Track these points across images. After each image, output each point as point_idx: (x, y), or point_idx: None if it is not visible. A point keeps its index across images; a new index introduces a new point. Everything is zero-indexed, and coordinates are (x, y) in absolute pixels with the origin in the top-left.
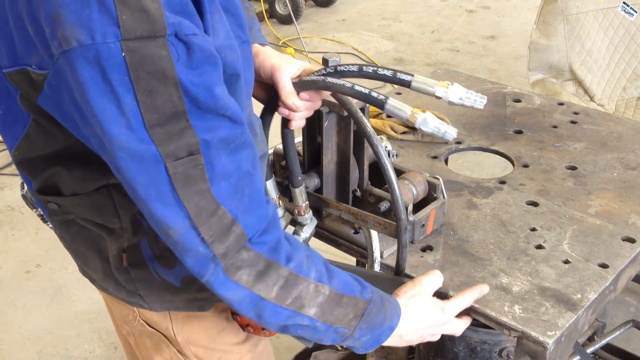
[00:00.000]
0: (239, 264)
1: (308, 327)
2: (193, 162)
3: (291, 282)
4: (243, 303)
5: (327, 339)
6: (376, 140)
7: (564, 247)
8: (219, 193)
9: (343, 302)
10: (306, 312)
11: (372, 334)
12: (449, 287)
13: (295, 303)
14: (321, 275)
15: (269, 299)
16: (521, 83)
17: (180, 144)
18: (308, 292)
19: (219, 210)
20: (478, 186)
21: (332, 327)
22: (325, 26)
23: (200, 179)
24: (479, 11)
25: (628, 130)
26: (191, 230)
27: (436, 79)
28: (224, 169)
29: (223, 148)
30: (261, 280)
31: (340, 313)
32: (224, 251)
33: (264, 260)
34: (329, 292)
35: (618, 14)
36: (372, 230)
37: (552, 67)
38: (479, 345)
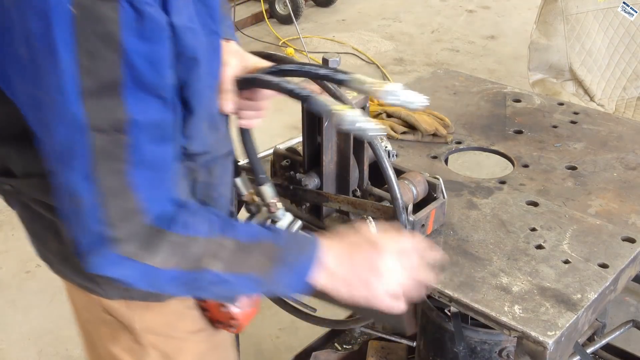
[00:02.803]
0: (125, 237)
1: (218, 283)
2: (117, 140)
3: (185, 245)
4: (135, 277)
5: (244, 289)
6: (376, 140)
7: (564, 247)
8: (133, 179)
9: (252, 251)
10: (210, 268)
11: (293, 271)
12: (448, 287)
13: (195, 264)
14: (222, 230)
15: (162, 266)
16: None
17: (109, 118)
18: (206, 250)
19: (128, 195)
20: (478, 186)
21: (244, 275)
22: (325, 26)
23: (119, 159)
24: (479, 11)
25: (628, 130)
26: (95, 207)
27: (436, 78)
28: (146, 157)
29: (150, 134)
30: (148, 249)
31: (251, 262)
32: (120, 236)
33: (149, 229)
34: (234, 245)
35: (618, 14)
36: (372, 230)
37: (552, 67)
38: (479, 345)
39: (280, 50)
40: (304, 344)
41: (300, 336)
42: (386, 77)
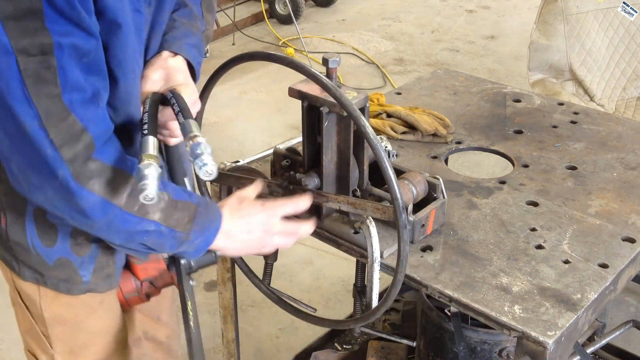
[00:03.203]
0: (89, 174)
1: (154, 232)
2: (45, 62)
3: (136, 190)
4: (96, 208)
5: (167, 245)
6: (376, 140)
7: (564, 247)
8: (71, 102)
9: (179, 207)
10: (151, 217)
11: (203, 235)
12: (448, 287)
13: (141, 210)
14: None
15: (120, 205)
16: (521, 83)
17: (34, 41)
18: None
19: (70, 118)
20: (478, 186)
21: (173, 230)
22: (325, 26)
23: (51, 83)
24: (479, 11)
25: (628, 130)
26: (40, 131)
27: (436, 78)
28: (77, 81)
29: (76, 58)
30: (112, 187)
31: (178, 217)
32: (72, 156)
33: (112, 169)
34: (168, 198)
35: (618, 14)
36: (372, 230)
37: (552, 67)
38: (479, 345)
39: (280, 50)
40: (304, 344)
41: (300, 336)
42: (386, 77)
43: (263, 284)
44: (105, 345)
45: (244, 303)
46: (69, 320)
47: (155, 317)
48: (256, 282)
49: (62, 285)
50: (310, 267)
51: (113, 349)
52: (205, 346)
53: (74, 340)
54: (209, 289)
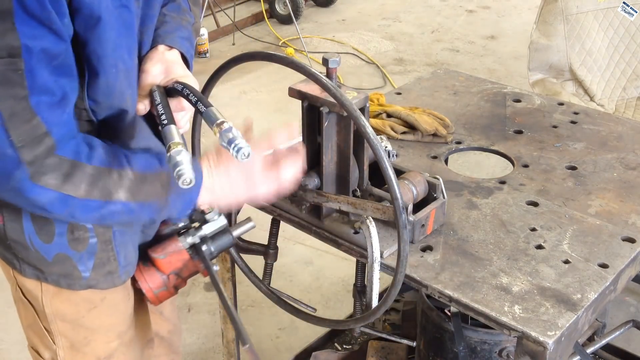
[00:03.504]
0: (43, 170)
1: (122, 212)
2: (12, 65)
3: (96, 176)
4: (54, 205)
5: (144, 216)
6: (376, 140)
7: (564, 247)
8: (37, 105)
9: (148, 180)
10: (116, 197)
11: (182, 197)
12: (448, 287)
13: (103, 193)
14: (121, 162)
15: (79, 196)
16: (521, 83)
17: (2, 43)
18: (112, 180)
19: (34, 120)
20: (478, 186)
21: (145, 203)
22: (325, 26)
23: (17, 85)
24: (479, 11)
25: (628, 130)
26: (1, 131)
27: (436, 78)
28: (46, 84)
29: (45, 61)
30: (68, 181)
31: (148, 190)
32: (32, 158)
33: (68, 162)
34: (134, 175)
35: (618, 14)
36: (372, 230)
37: (552, 67)
38: (479, 345)
39: (280, 50)
40: (304, 344)
41: (300, 336)
42: (386, 77)
43: (263, 284)
44: (107, 342)
45: (244, 303)
46: (69, 315)
47: (158, 312)
48: (256, 282)
49: (63, 280)
50: (310, 267)
51: (115, 346)
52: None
53: (75, 336)
54: (209, 289)
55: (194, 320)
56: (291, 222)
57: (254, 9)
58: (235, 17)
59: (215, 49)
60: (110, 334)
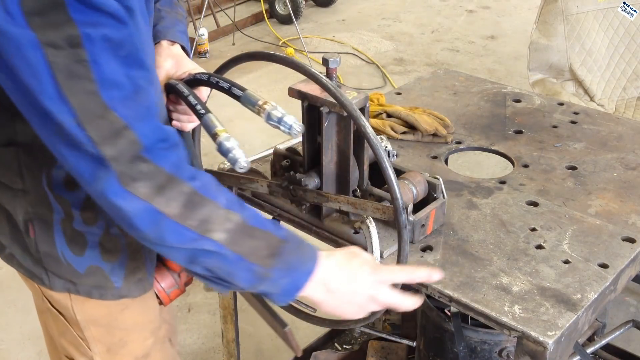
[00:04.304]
0: (135, 175)
1: (216, 255)
2: (75, 56)
3: (196, 202)
4: (141, 216)
5: (241, 276)
6: (376, 140)
7: (564, 247)
8: (110, 99)
9: (255, 235)
10: (213, 236)
11: (290, 276)
12: (448, 287)
13: (202, 226)
14: (232, 203)
15: (171, 215)
16: (521, 83)
17: (60, 33)
18: (216, 216)
19: (109, 115)
20: (478, 186)
21: (244, 259)
22: (325, 26)
23: (85, 78)
24: (479, 11)
25: (628, 130)
26: (77, 128)
27: (436, 78)
28: (115, 77)
29: (110, 50)
30: (161, 194)
31: (252, 245)
32: (115, 154)
33: (164, 174)
34: (240, 221)
35: (618, 14)
36: (372, 230)
37: (552, 67)
38: (479, 345)
39: (280, 50)
40: (304, 344)
41: (300, 336)
42: (386, 77)
43: None
44: (143, 340)
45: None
46: (102, 319)
47: None
48: None
49: (95, 291)
50: None
51: (151, 344)
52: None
53: (111, 339)
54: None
55: (194, 320)
56: (291, 222)
57: (254, 9)
58: (235, 17)
59: (215, 49)
60: (145, 332)
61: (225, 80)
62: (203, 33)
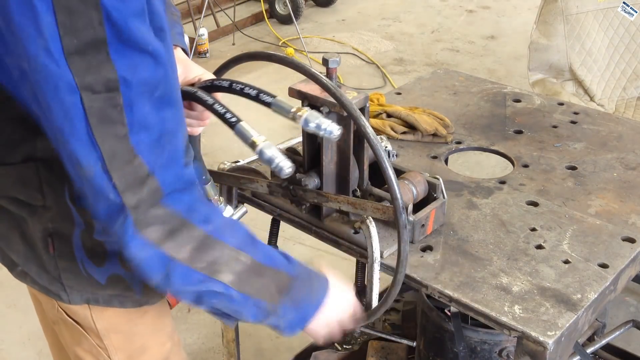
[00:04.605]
0: (149, 220)
1: (222, 296)
2: (111, 100)
3: (206, 245)
4: (151, 262)
5: (247, 313)
6: (376, 140)
7: (564, 247)
8: (137, 143)
9: (265, 274)
10: (221, 278)
11: (298, 311)
12: (448, 287)
13: (210, 268)
14: (242, 243)
15: (180, 259)
16: (521, 83)
17: (99, 77)
18: (224, 258)
19: (135, 161)
20: (478, 186)
21: (250, 298)
22: (325, 26)
23: (118, 122)
24: (479, 11)
25: (628, 130)
26: (103, 174)
27: (436, 78)
28: (146, 119)
29: (145, 93)
30: (172, 239)
31: (261, 285)
32: (136, 203)
33: (178, 219)
34: (250, 262)
35: (618, 14)
36: (372, 230)
37: (552, 67)
38: (479, 345)
39: (280, 50)
40: (304, 344)
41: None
42: (386, 77)
43: None
44: (162, 345)
45: None
46: (122, 325)
47: None
48: None
49: (115, 300)
50: None
51: (169, 348)
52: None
53: (131, 346)
54: None
55: (194, 320)
56: (291, 222)
57: (254, 9)
58: (235, 17)
59: (215, 49)
60: (162, 336)
61: (253, 87)
62: (203, 33)
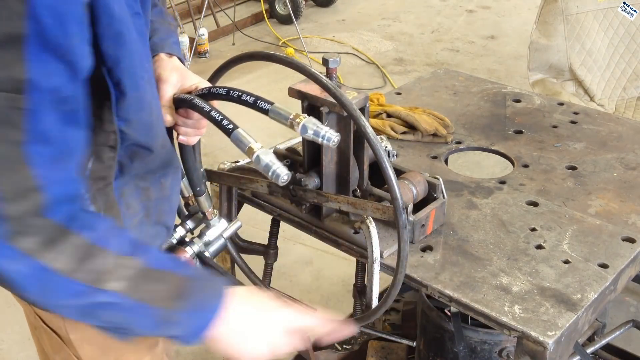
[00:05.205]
0: (25, 230)
1: (114, 305)
2: (14, 102)
3: (90, 254)
4: (25, 276)
5: (143, 323)
6: (376, 140)
7: (564, 247)
8: (33, 154)
9: (157, 278)
10: (109, 287)
11: (196, 317)
12: (448, 287)
13: (95, 278)
14: (129, 249)
15: (59, 270)
16: (521, 83)
17: (7, 74)
18: (111, 266)
19: (24, 171)
20: (478, 186)
21: (144, 305)
22: (325, 26)
23: (14, 127)
24: (479, 11)
25: (628, 130)
26: None
27: (436, 78)
28: (49, 132)
29: (54, 104)
30: (50, 248)
31: (153, 289)
32: (16, 215)
33: (58, 228)
34: (139, 266)
35: (618, 14)
36: (372, 230)
37: (552, 67)
38: (479, 345)
39: (280, 50)
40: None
41: None
42: (386, 77)
43: (263, 284)
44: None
45: None
46: (95, 338)
47: None
48: (256, 282)
49: None
50: (310, 267)
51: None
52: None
53: (106, 358)
54: None
55: None
56: (291, 222)
57: (254, 9)
58: (235, 17)
59: (215, 49)
60: (141, 349)
61: (251, 94)
62: (203, 33)
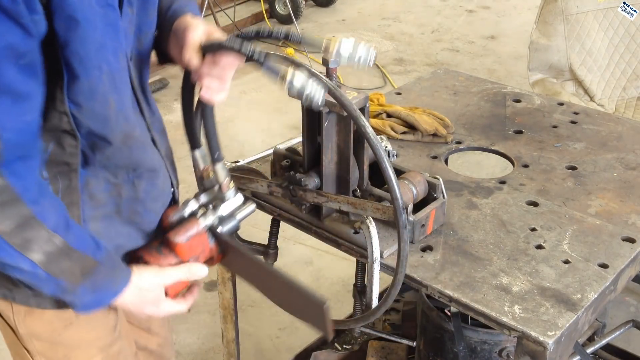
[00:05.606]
0: None
1: (28, 273)
2: None
3: (28, 224)
4: None
5: (46, 289)
6: (376, 140)
7: (564, 247)
8: None
9: (73, 257)
10: (30, 256)
11: (95, 294)
12: (448, 287)
13: (24, 245)
14: (59, 226)
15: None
16: (521, 83)
17: None
18: (40, 239)
19: None
20: (478, 186)
21: (54, 278)
22: (325, 26)
23: None
24: (479, 11)
25: (628, 130)
26: None
27: (436, 78)
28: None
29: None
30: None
31: (67, 266)
32: None
33: (10, 194)
34: (61, 244)
35: (618, 14)
36: (372, 230)
37: (552, 67)
38: (479, 345)
39: (280, 50)
40: (304, 344)
41: (300, 336)
42: (386, 77)
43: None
44: (90, 356)
45: (244, 303)
46: (44, 334)
47: (145, 328)
48: None
49: (32, 300)
50: (310, 267)
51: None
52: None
53: (54, 354)
54: (209, 289)
55: (194, 321)
56: (291, 222)
57: (254, 9)
58: (235, 17)
59: None
60: (92, 349)
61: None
62: None
